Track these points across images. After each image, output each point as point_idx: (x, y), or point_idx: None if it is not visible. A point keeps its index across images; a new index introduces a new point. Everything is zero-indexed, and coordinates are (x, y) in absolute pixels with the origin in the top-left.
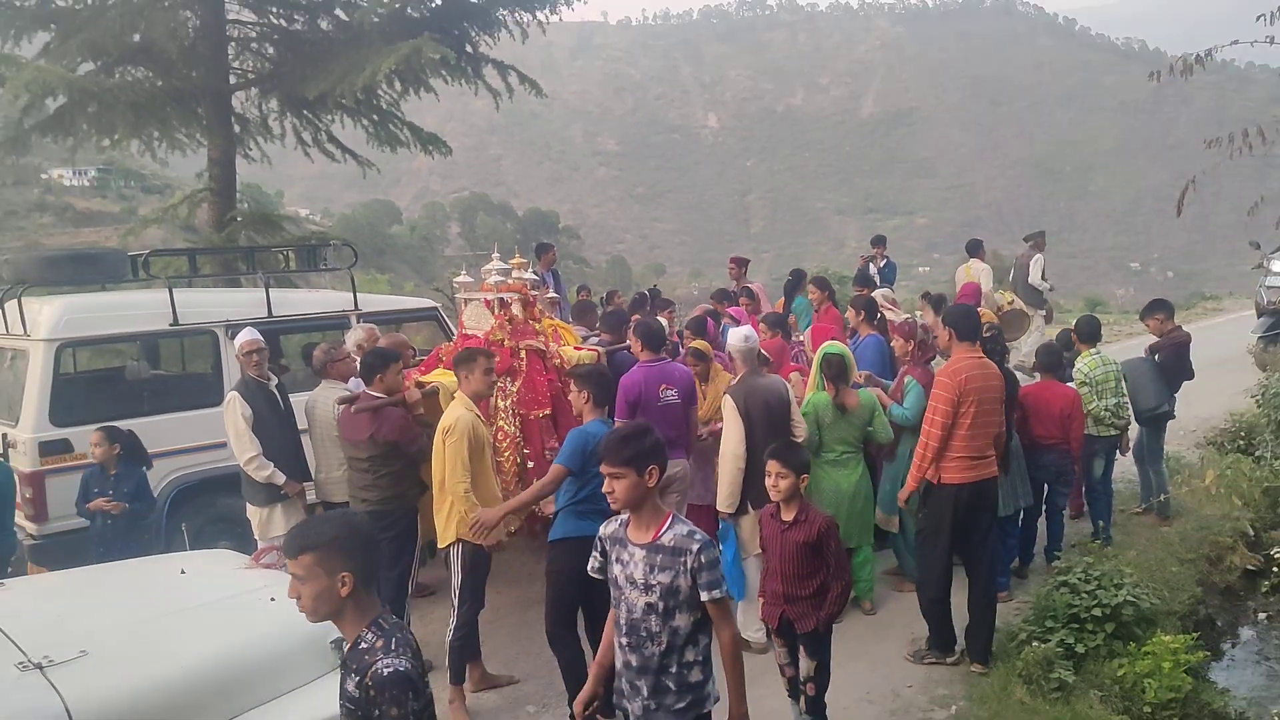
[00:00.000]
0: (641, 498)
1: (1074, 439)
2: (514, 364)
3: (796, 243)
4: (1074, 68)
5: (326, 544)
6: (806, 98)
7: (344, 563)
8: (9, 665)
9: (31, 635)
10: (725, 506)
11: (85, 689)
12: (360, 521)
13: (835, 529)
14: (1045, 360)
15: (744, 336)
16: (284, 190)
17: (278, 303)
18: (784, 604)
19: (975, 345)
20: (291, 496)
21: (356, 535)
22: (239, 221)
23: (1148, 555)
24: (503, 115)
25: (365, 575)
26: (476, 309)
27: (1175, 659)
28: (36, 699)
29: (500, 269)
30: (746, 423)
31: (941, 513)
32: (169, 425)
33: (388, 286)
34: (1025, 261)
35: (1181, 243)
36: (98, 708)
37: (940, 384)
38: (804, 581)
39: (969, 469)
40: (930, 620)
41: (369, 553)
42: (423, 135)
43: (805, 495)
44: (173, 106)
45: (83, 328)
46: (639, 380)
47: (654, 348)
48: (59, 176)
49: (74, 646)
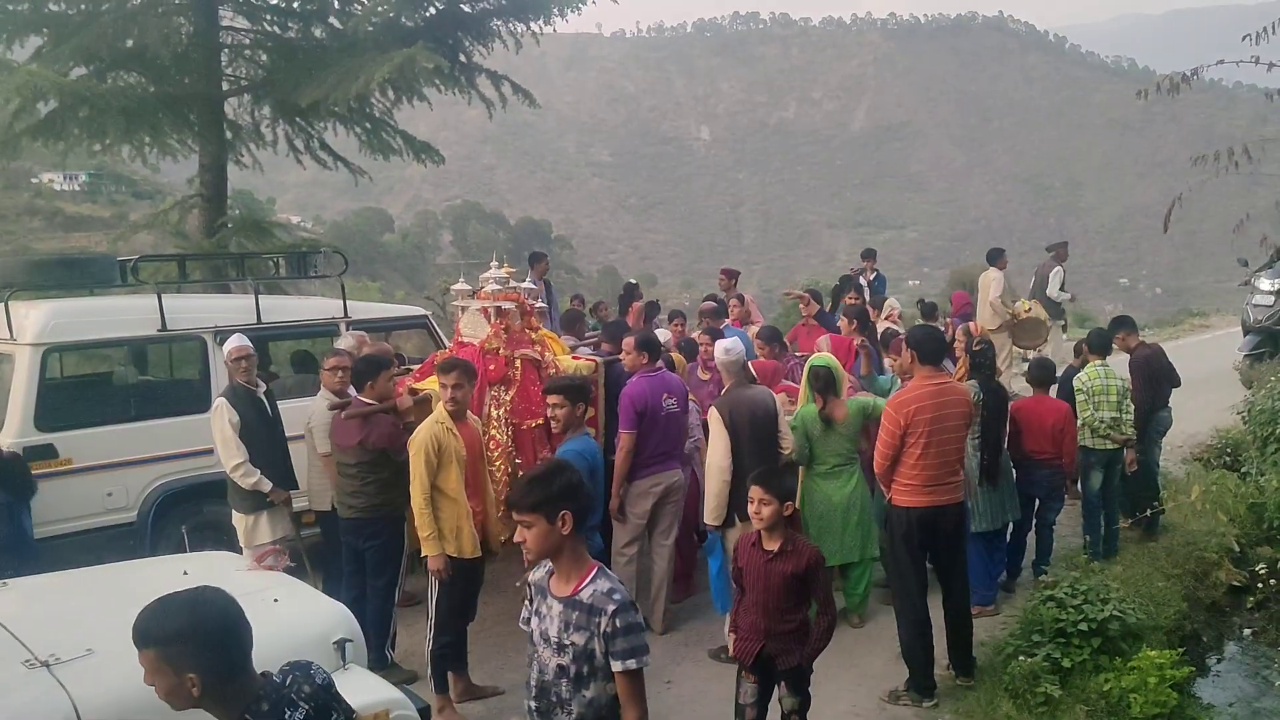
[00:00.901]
0: (556, 546)
1: (1066, 454)
2: (509, 373)
3: (788, 255)
4: (1063, 84)
5: (168, 642)
6: (799, 111)
7: (190, 663)
8: (16, 663)
9: (37, 634)
10: (712, 519)
11: (92, 687)
12: (217, 611)
13: (823, 560)
14: (1038, 375)
15: (726, 349)
16: (276, 197)
17: (267, 309)
18: (764, 639)
19: (938, 369)
20: (277, 504)
21: (204, 633)
22: (229, 228)
23: (1134, 570)
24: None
25: (220, 674)
26: (473, 317)
27: (1161, 674)
28: (44, 696)
29: (498, 277)
30: (732, 435)
31: (896, 536)
32: (155, 431)
33: (379, 294)
34: (1045, 272)
35: (1170, 259)
36: (105, 705)
37: (886, 414)
38: (787, 615)
39: (922, 494)
40: (909, 660)
41: (223, 650)
42: (415, 144)
43: (802, 517)
44: (165, 112)
45: (69, 332)
46: (644, 390)
47: (653, 357)
48: (49, 181)
49: (80, 645)
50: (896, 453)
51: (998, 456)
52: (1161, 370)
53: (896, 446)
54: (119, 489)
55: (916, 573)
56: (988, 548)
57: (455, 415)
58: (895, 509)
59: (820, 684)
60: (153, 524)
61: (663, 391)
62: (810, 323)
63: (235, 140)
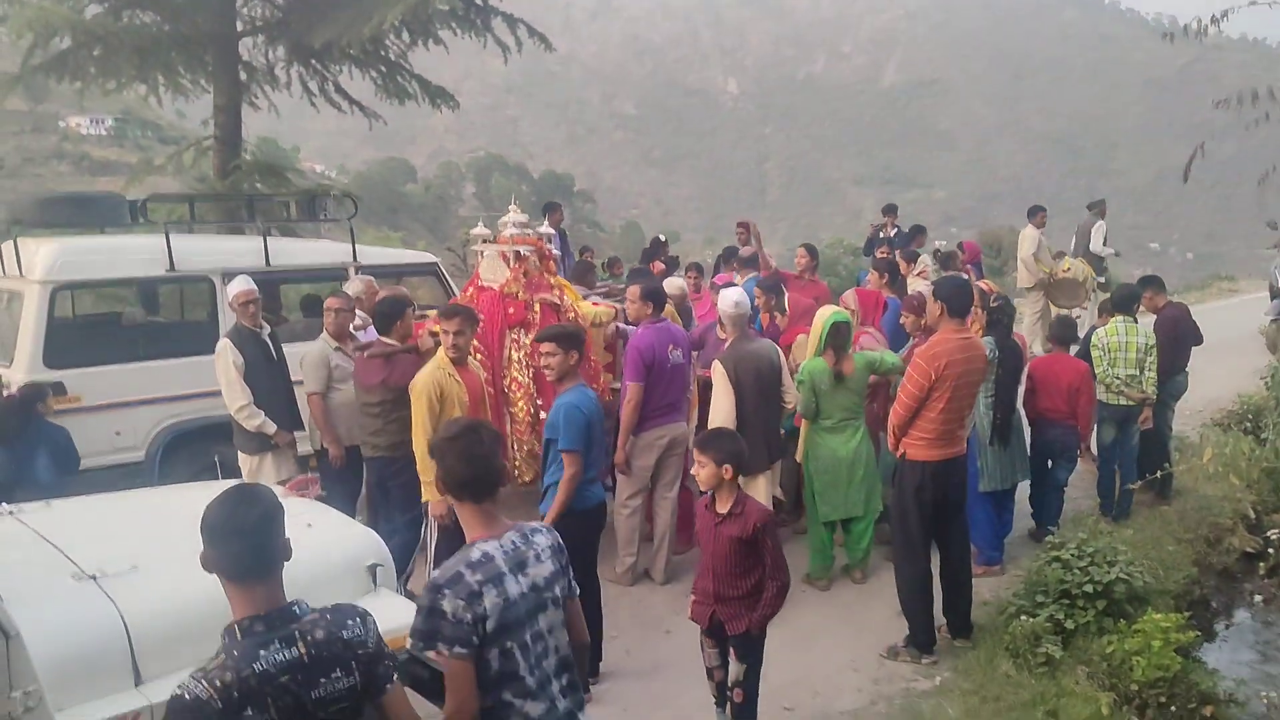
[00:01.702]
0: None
1: (1081, 415)
2: (528, 317)
3: (813, 212)
4: (1100, 42)
5: (202, 526)
6: (828, 65)
7: (206, 548)
8: (65, 576)
9: (83, 550)
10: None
11: (138, 600)
12: (254, 507)
13: (773, 524)
14: (1058, 333)
15: (735, 302)
16: (300, 145)
17: (275, 252)
18: (715, 603)
19: (965, 323)
20: (282, 446)
21: (234, 524)
22: (242, 170)
23: (1145, 533)
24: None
25: (220, 567)
26: (492, 261)
27: (1165, 638)
28: (93, 606)
29: (517, 221)
30: (737, 390)
31: (909, 490)
32: (164, 371)
33: (400, 244)
34: (1087, 228)
35: (1203, 224)
36: (150, 617)
37: (916, 366)
38: (737, 580)
39: (936, 448)
40: (910, 616)
41: (233, 542)
42: (431, 88)
43: (806, 472)
44: (178, 51)
45: (78, 270)
46: (652, 342)
47: (659, 308)
48: (76, 125)
49: (125, 562)
50: (920, 405)
51: (1010, 415)
52: (1187, 331)
53: (922, 399)
54: (127, 428)
55: (924, 528)
56: (996, 507)
57: (457, 361)
58: (909, 463)
59: (818, 638)
60: (160, 464)
61: (668, 343)
62: (805, 278)
63: (250, 82)
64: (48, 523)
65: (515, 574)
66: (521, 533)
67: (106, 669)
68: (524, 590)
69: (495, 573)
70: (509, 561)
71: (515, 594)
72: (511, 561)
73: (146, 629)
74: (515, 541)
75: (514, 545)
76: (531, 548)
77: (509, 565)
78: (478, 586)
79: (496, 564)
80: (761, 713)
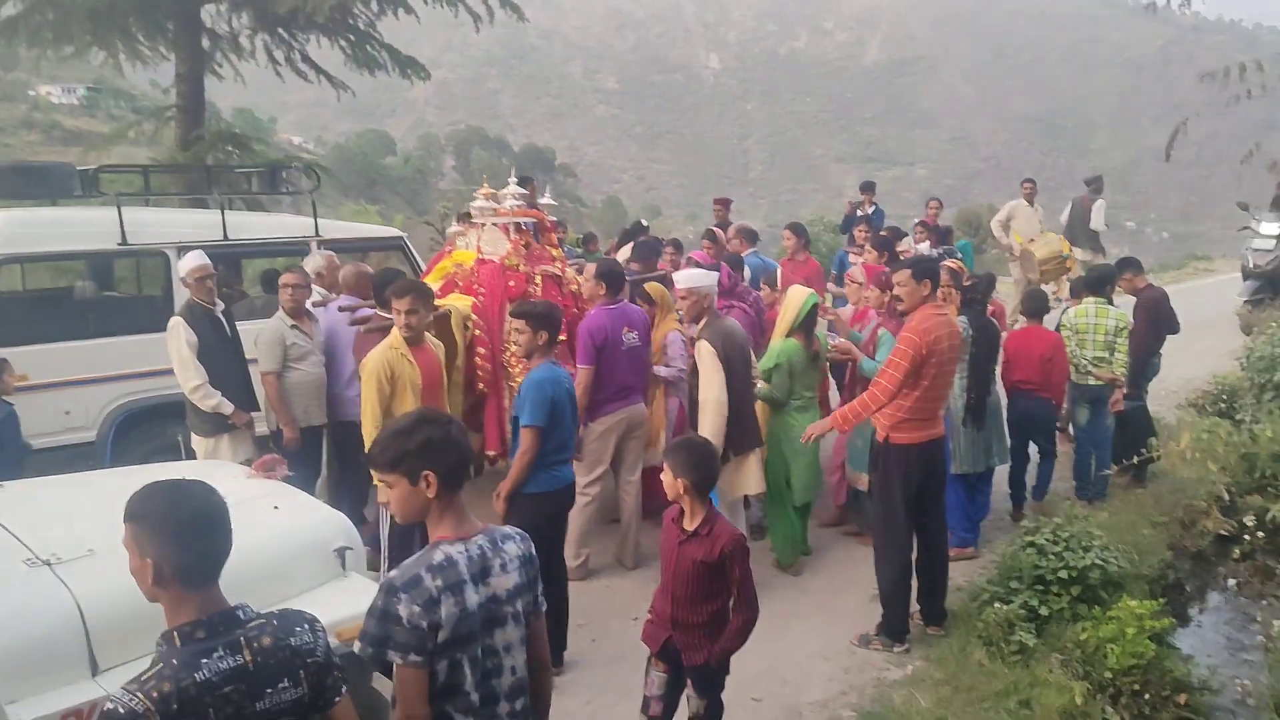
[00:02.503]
0: (421, 509)
1: (1054, 385)
2: (529, 289)
3: (794, 189)
4: (1081, 22)
5: (140, 518)
6: (810, 41)
7: (150, 547)
8: (17, 562)
9: (37, 534)
10: None
11: (94, 585)
12: (195, 503)
13: (745, 551)
14: (1030, 306)
15: (705, 275)
16: (278, 117)
17: (234, 226)
18: (671, 628)
19: (939, 300)
20: (240, 427)
21: (174, 520)
22: (205, 140)
23: (1120, 517)
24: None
25: (174, 569)
26: (492, 233)
27: (1140, 625)
28: (47, 593)
29: (518, 194)
30: (727, 367)
31: (894, 475)
32: (116, 349)
33: (378, 218)
34: (1086, 205)
35: (1179, 204)
36: (107, 603)
37: (906, 341)
38: (697, 606)
39: (921, 429)
40: (887, 605)
41: (182, 544)
42: (401, 58)
43: (775, 455)
44: (136, 17)
45: (24, 244)
46: (604, 323)
47: (615, 290)
48: (46, 94)
49: (80, 546)
50: (909, 382)
51: (985, 396)
52: (1163, 315)
53: (913, 375)
54: (77, 407)
55: (908, 513)
56: (968, 490)
57: (411, 341)
58: (894, 447)
59: (789, 625)
60: (113, 444)
61: (623, 324)
62: (797, 258)
63: (214, 50)
64: (0, 505)
65: (476, 583)
66: (492, 538)
67: (61, 659)
68: (482, 601)
69: (456, 579)
70: (472, 568)
71: (473, 604)
72: (475, 568)
73: (103, 616)
74: (483, 547)
75: (480, 551)
76: (499, 556)
77: (470, 573)
78: (436, 593)
79: (459, 569)
80: (728, 702)
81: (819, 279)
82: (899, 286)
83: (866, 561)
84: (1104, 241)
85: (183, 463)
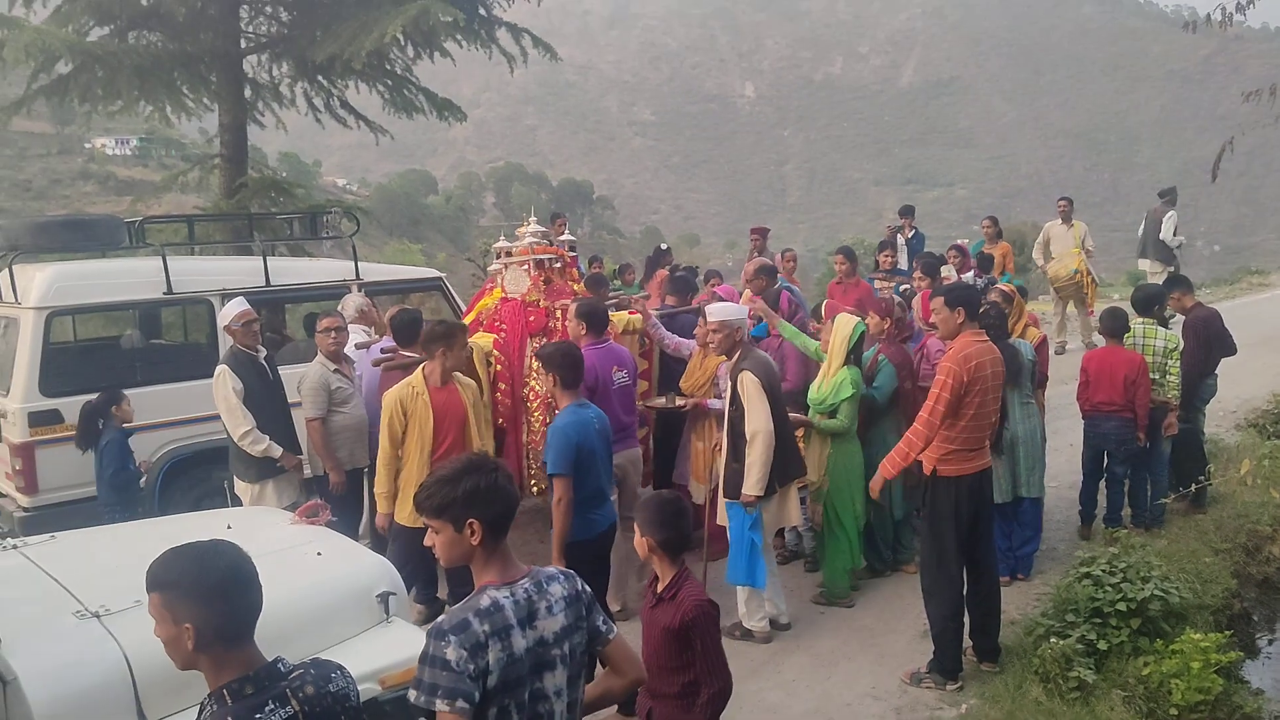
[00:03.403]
0: (465, 556)
1: (1139, 406)
2: (549, 324)
3: (833, 214)
4: (1120, 35)
5: (169, 586)
6: (845, 66)
7: (186, 613)
8: (67, 614)
9: (87, 585)
10: (758, 489)
11: (141, 636)
12: (224, 564)
13: (711, 619)
14: (1109, 325)
15: (736, 308)
16: (322, 160)
17: (276, 271)
18: (650, 698)
19: (979, 327)
20: (289, 470)
21: (206, 584)
22: (248, 188)
23: (1179, 545)
24: (539, 85)
25: (215, 632)
26: (515, 273)
27: (1205, 658)
28: (96, 645)
29: (536, 231)
30: (771, 398)
31: (943, 509)
32: (163, 396)
33: (421, 256)
34: (1158, 217)
35: (1229, 216)
36: (154, 654)
37: (947, 370)
38: (668, 676)
39: (968, 460)
40: (938, 642)
41: (220, 606)
42: (438, 101)
43: (838, 488)
44: (180, 70)
45: (73, 296)
46: (594, 363)
47: (598, 329)
48: (101, 146)
49: (129, 596)
50: (953, 412)
51: (1003, 424)
52: (1215, 335)
53: (956, 404)
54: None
55: (959, 548)
56: (1002, 520)
57: (431, 379)
58: (942, 480)
59: (837, 664)
60: (160, 490)
61: (612, 363)
62: (846, 281)
63: (256, 99)
64: (51, 556)
65: (523, 627)
66: (536, 580)
67: (109, 711)
68: (530, 645)
69: (503, 624)
70: (518, 612)
71: (520, 649)
72: (522, 613)
73: (151, 668)
74: (528, 590)
75: (526, 595)
76: (544, 598)
77: (518, 617)
78: (483, 638)
79: (505, 614)
80: None
81: (870, 300)
82: (934, 314)
83: (915, 594)
84: (1178, 254)
85: (228, 510)
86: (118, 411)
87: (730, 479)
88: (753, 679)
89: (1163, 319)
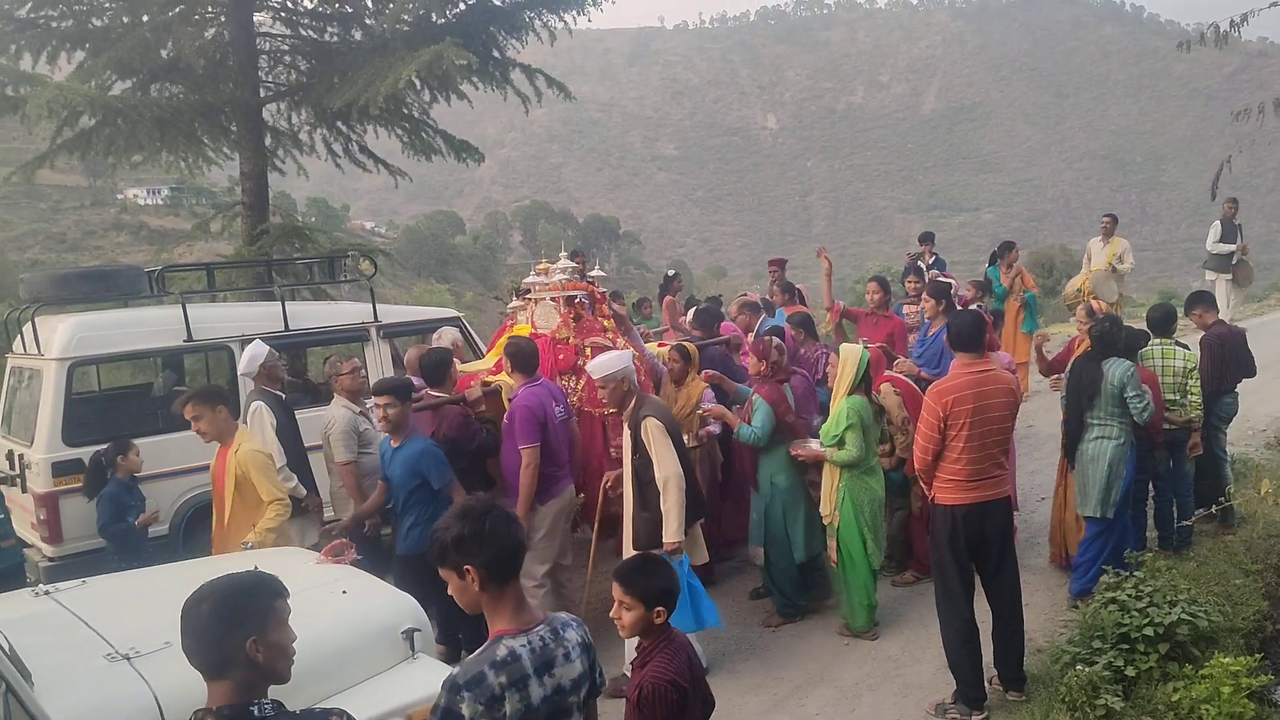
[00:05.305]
0: (475, 602)
1: (1152, 424)
2: (578, 362)
3: (859, 242)
4: (1142, 55)
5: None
6: (867, 95)
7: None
8: (98, 657)
9: (117, 628)
10: (678, 536)
11: (172, 678)
12: (252, 585)
13: (665, 698)
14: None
15: (617, 358)
16: (350, 204)
17: (295, 316)
18: None
19: (978, 356)
20: (311, 510)
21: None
22: (269, 235)
23: (1208, 567)
24: (562, 124)
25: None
26: (545, 309)
27: (1236, 682)
28: (126, 688)
29: (567, 268)
30: (674, 439)
31: (940, 536)
32: (184, 444)
33: (448, 296)
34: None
35: (1260, 232)
36: (184, 696)
37: (926, 404)
38: None
39: (965, 490)
40: (954, 670)
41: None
42: (455, 143)
43: (850, 522)
44: (200, 121)
45: (94, 346)
46: (541, 399)
47: (528, 370)
48: (134, 196)
49: (159, 638)
50: (939, 446)
51: (1074, 437)
52: (1233, 353)
53: (938, 439)
54: (149, 503)
55: (962, 576)
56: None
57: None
58: (938, 508)
59: (860, 696)
60: (184, 536)
61: (551, 400)
62: (877, 313)
63: (276, 147)
64: (82, 601)
65: (540, 675)
66: (553, 627)
67: None
68: (547, 694)
69: (520, 675)
70: (535, 661)
71: (537, 699)
72: (538, 661)
73: (179, 708)
74: (544, 637)
75: (543, 642)
76: (561, 645)
77: (534, 665)
78: (500, 690)
79: (522, 664)
80: None
81: (901, 337)
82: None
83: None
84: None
85: (253, 550)
86: (123, 461)
87: (641, 529)
88: (776, 712)
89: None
